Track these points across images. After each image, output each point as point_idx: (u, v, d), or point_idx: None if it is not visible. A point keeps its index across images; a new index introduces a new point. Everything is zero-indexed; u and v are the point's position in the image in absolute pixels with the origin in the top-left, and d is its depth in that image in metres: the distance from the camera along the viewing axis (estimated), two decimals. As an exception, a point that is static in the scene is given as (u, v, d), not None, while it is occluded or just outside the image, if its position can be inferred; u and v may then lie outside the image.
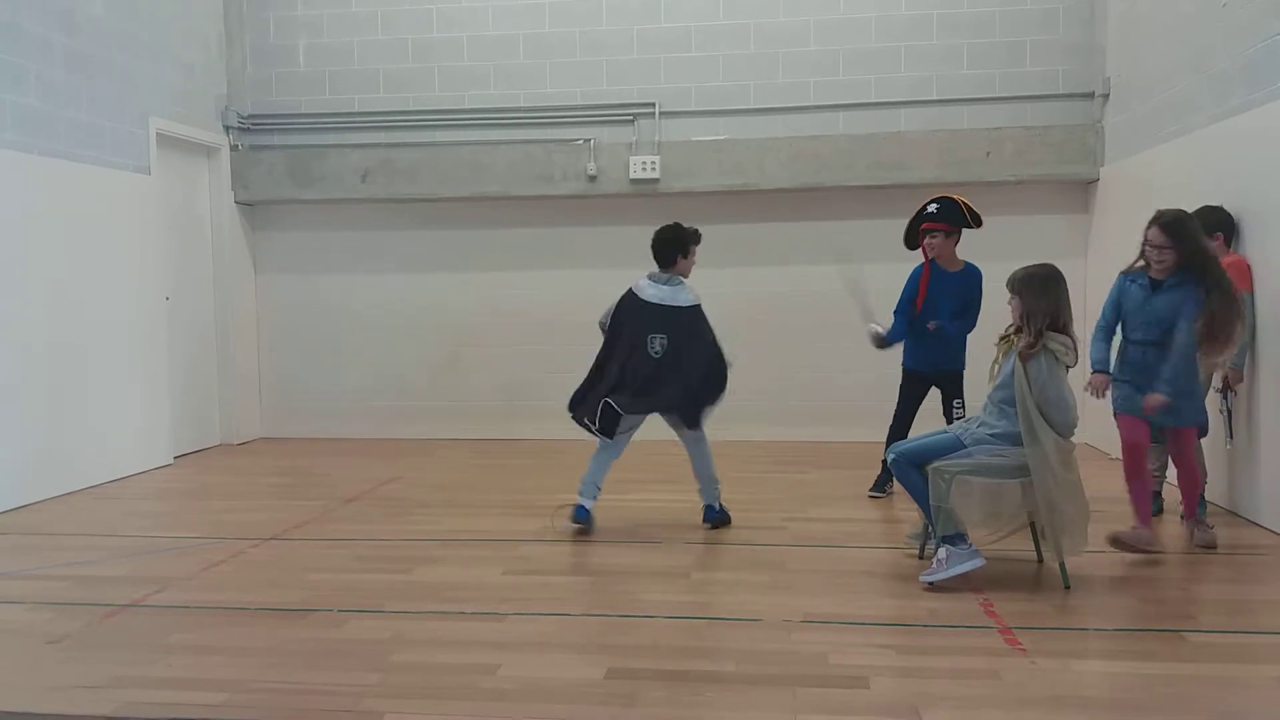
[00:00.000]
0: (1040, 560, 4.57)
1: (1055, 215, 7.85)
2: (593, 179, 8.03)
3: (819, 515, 5.58)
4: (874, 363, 7.96)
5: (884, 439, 7.77)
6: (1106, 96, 7.46)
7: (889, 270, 7.95)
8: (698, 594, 4.20)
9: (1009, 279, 4.54)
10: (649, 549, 4.96)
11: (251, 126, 8.40)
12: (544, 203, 8.24)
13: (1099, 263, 7.59)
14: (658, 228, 5.57)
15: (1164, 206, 5.00)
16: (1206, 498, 5.24)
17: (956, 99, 7.78)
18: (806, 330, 8.08)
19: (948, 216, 5.89)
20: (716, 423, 7.28)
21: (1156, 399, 4.67)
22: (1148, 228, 4.86)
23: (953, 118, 7.77)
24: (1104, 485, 6.17)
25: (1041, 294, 4.42)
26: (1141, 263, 4.93)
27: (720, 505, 5.33)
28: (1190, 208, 5.39)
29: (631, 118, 8.07)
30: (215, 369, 8.33)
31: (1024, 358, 4.34)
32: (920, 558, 4.55)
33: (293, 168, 8.32)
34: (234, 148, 8.37)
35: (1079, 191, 7.79)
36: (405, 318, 8.48)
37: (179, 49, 7.73)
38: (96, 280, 6.73)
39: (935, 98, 7.80)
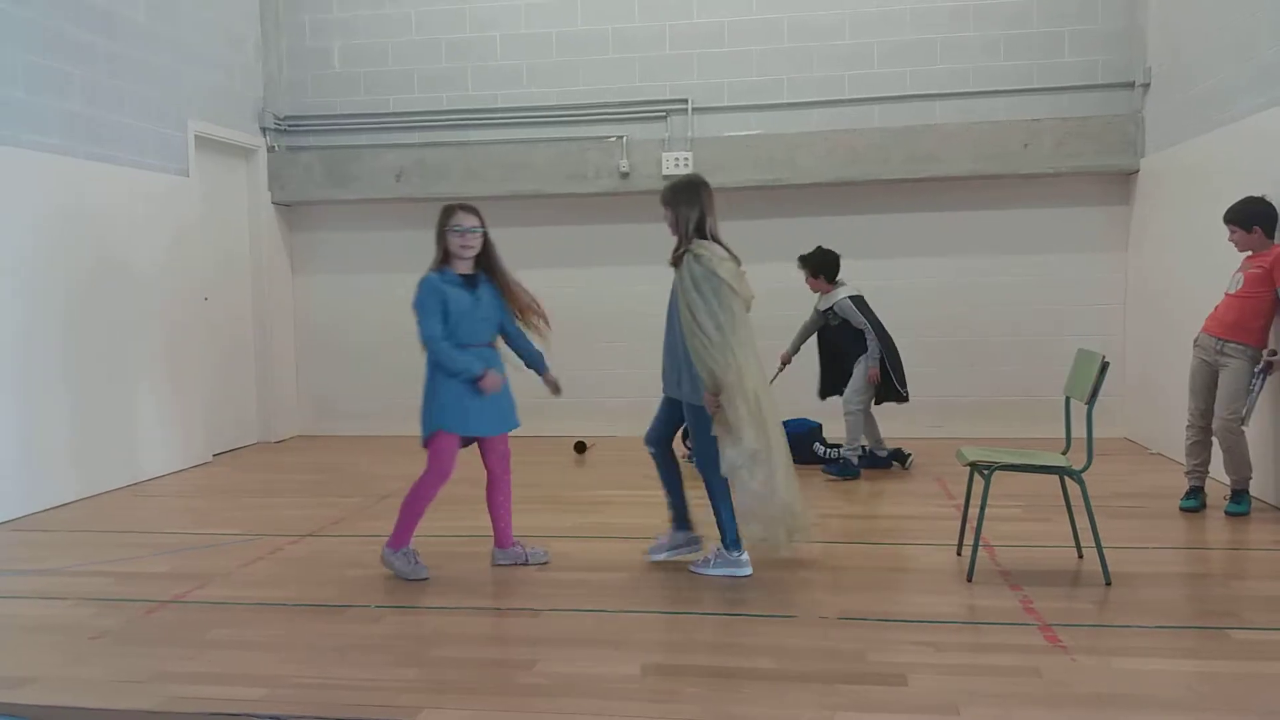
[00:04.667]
0: (1080, 555, 4.50)
1: (1094, 208, 7.74)
2: (625, 176, 8.03)
3: (856, 511, 5.54)
4: (906, 359, 7.92)
5: (918, 434, 7.77)
6: (1147, 86, 7.34)
7: (922, 264, 7.92)
8: (732, 590, 4.18)
9: (660, 195, 4.46)
10: (684, 545, 4.95)
11: (288, 128, 8.48)
12: (577, 200, 8.25)
13: (1140, 255, 7.48)
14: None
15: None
16: (1252, 493, 5.15)
17: (993, 90, 7.69)
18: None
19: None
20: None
21: None
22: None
23: (990, 110, 7.68)
24: (1144, 481, 6.09)
25: (683, 200, 4.34)
26: None
27: None
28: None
29: (664, 114, 8.05)
30: (253, 368, 8.43)
31: (674, 263, 4.32)
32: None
33: (329, 168, 8.39)
34: (271, 149, 8.45)
35: (1119, 183, 7.67)
36: (440, 316, 8.49)
37: (217, 52, 7.82)
38: (137, 281, 6.82)
39: (972, 90, 7.71)
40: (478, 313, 4.39)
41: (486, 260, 4.52)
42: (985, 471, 4.21)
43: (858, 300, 6.56)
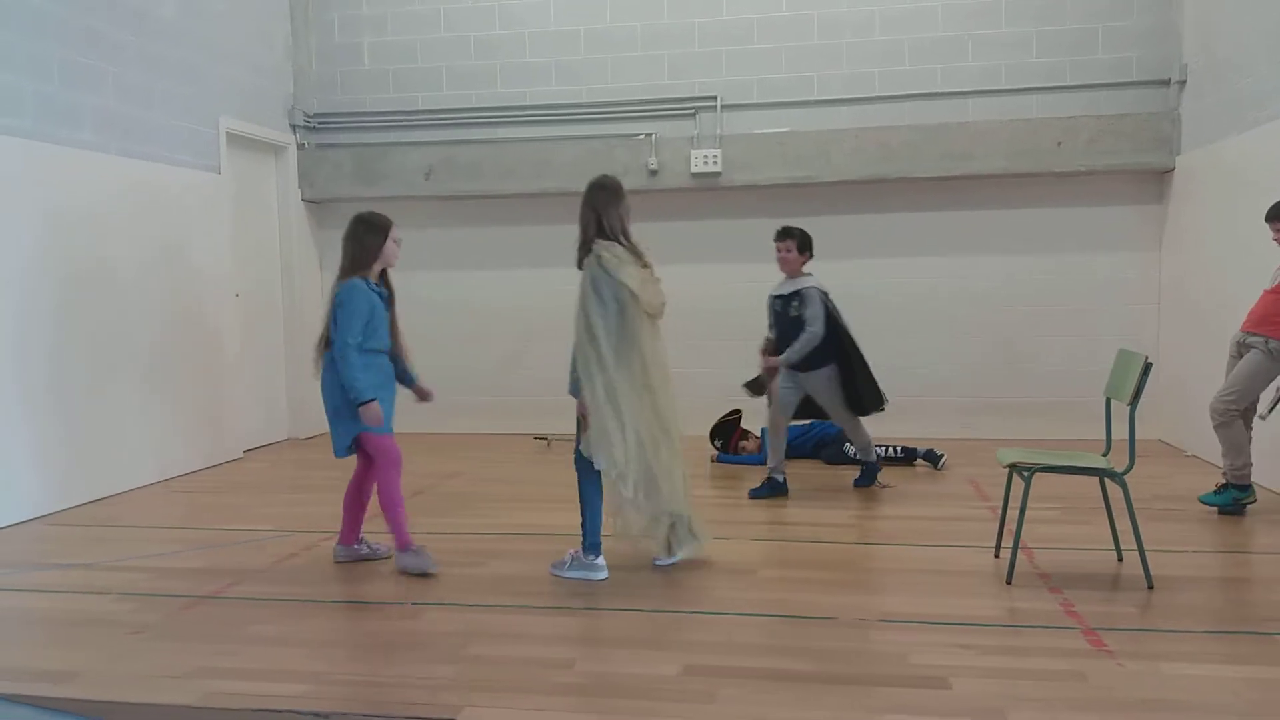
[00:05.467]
0: (1120, 558, 4.45)
1: (1128, 206, 7.66)
2: (654, 174, 8.01)
3: (889, 513, 5.51)
4: (936, 359, 7.90)
5: (949, 435, 7.71)
6: (1183, 83, 7.25)
7: (953, 263, 7.87)
8: (768, 591, 4.16)
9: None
10: (715, 545, 4.91)
11: (318, 125, 8.51)
12: (605, 198, 8.22)
13: (1174, 254, 7.40)
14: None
15: (1245, 196, 4.86)
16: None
17: (1026, 88, 7.62)
18: (873, 325, 7.94)
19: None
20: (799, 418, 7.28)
21: None
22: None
23: (1022, 107, 7.61)
24: (1181, 483, 6.02)
25: (584, 201, 4.35)
26: None
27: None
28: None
29: (693, 111, 8.03)
30: (283, 364, 8.46)
31: (579, 264, 4.31)
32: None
33: (358, 166, 8.41)
34: (300, 146, 8.48)
35: (1153, 182, 7.59)
36: (468, 313, 8.52)
37: (247, 49, 7.86)
38: (168, 277, 6.86)
39: (1004, 87, 7.64)
40: (386, 320, 4.55)
41: (384, 272, 4.64)
42: (1025, 474, 4.17)
43: (824, 294, 5.87)
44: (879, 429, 7.39)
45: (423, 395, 4.80)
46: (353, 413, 4.40)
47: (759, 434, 7.20)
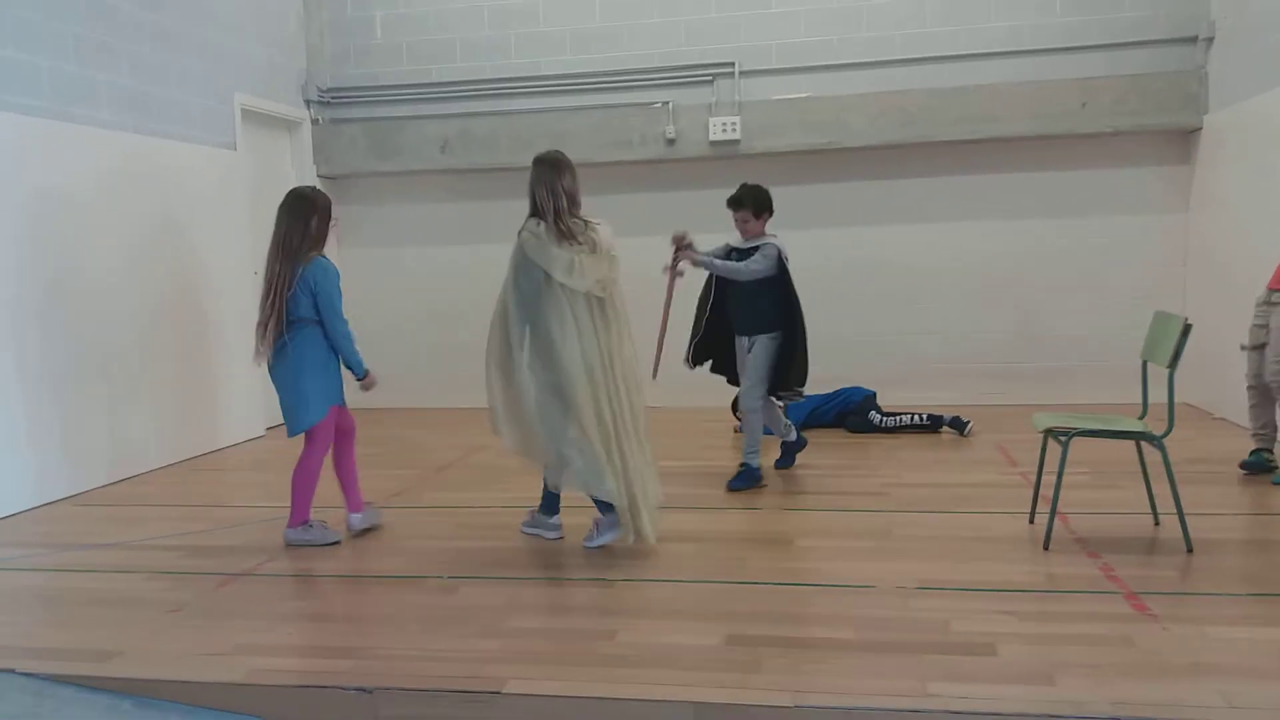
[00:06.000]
0: (1157, 522, 4.42)
1: (1153, 167, 7.55)
2: (671, 142, 7.93)
3: (919, 480, 5.47)
4: (960, 325, 7.84)
5: (972, 401, 7.65)
6: (1211, 40, 7.13)
7: (976, 228, 7.79)
8: (805, 560, 4.14)
9: None
10: (748, 515, 4.92)
11: (332, 100, 8.44)
12: (622, 168, 8.15)
13: (1202, 215, 7.31)
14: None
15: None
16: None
17: (1049, 48, 7.49)
18: (894, 292, 7.92)
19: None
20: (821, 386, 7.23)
21: None
22: None
23: (1045, 68, 7.49)
24: (1211, 446, 5.97)
25: (530, 178, 4.28)
26: None
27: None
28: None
29: (710, 78, 7.93)
30: (303, 341, 8.43)
31: None
32: None
33: (373, 140, 8.35)
34: (315, 121, 8.42)
35: (1180, 142, 7.48)
36: (487, 287, 8.41)
37: (261, 25, 7.78)
38: (187, 255, 6.84)
39: (1027, 48, 7.52)
40: None
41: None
42: (1063, 439, 4.13)
43: (783, 255, 5.35)
44: (902, 396, 7.40)
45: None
46: (324, 388, 4.54)
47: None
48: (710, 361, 5.69)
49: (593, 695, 2.92)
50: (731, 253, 5.47)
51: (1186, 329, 3.98)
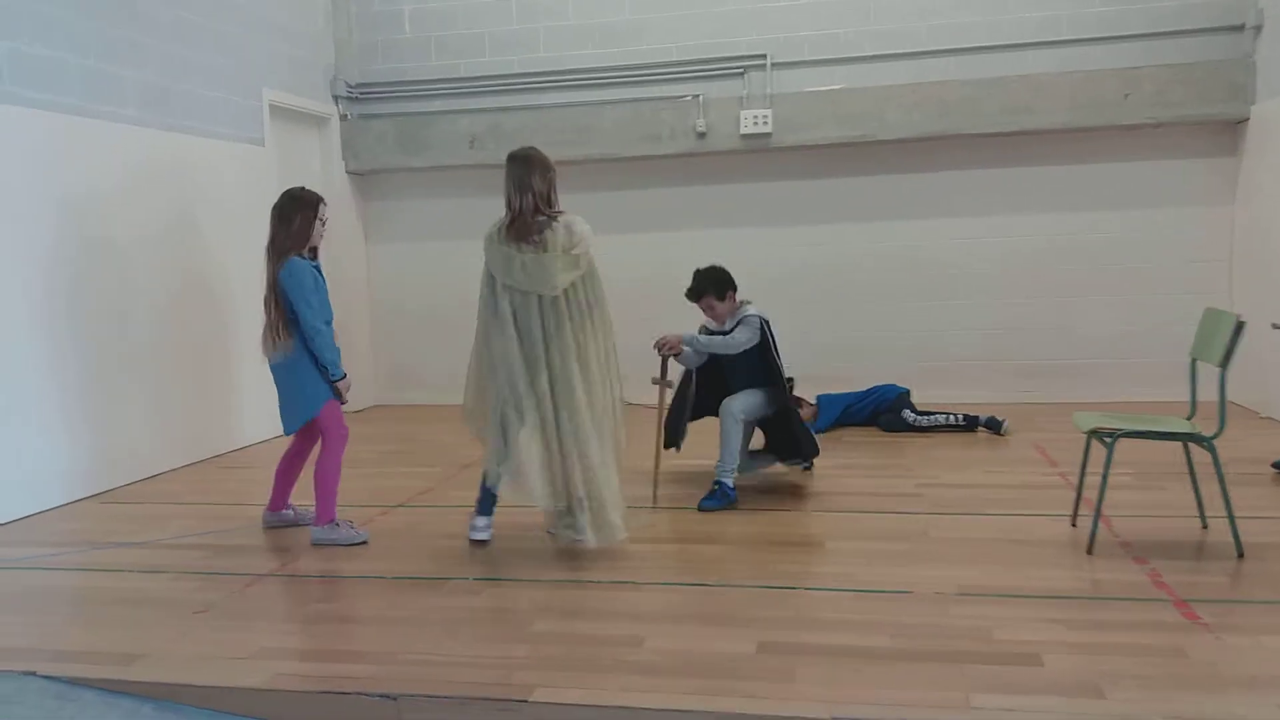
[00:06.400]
0: (1205, 526, 4.27)
1: (1198, 159, 7.35)
2: (702, 136, 7.81)
3: (955, 481, 5.34)
4: (996, 321, 7.67)
5: (1008, 399, 7.48)
6: (1259, 28, 6.92)
7: (1014, 221, 7.62)
8: (838, 564, 4.03)
9: None
10: (778, 517, 4.81)
11: (360, 95, 8.40)
12: (652, 162, 8.06)
13: (1250, 207, 7.10)
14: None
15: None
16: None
17: (1089, 38, 7.31)
18: (928, 287, 7.77)
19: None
20: (835, 384, 7.09)
21: None
22: None
23: (1085, 58, 7.30)
24: (1258, 447, 5.79)
25: (506, 173, 4.27)
26: None
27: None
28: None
29: (741, 70, 7.81)
30: (331, 338, 8.41)
31: None
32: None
33: (402, 136, 8.31)
34: (343, 117, 8.39)
35: (1226, 133, 7.27)
36: (515, 283, 8.40)
37: (288, 20, 7.75)
38: (214, 252, 6.82)
39: (1066, 37, 7.34)
40: (324, 294, 4.63)
41: (314, 249, 4.70)
42: (1108, 440, 3.99)
43: (765, 321, 5.10)
44: (937, 394, 7.26)
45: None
46: (317, 385, 4.54)
47: (814, 401, 7.05)
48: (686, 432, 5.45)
49: (621, 705, 2.83)
50: (713, 335, 5.24)
51: (1239, 327, 3.82)
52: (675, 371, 5.32)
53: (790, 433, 5.10)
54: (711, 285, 5.14)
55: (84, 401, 5.65)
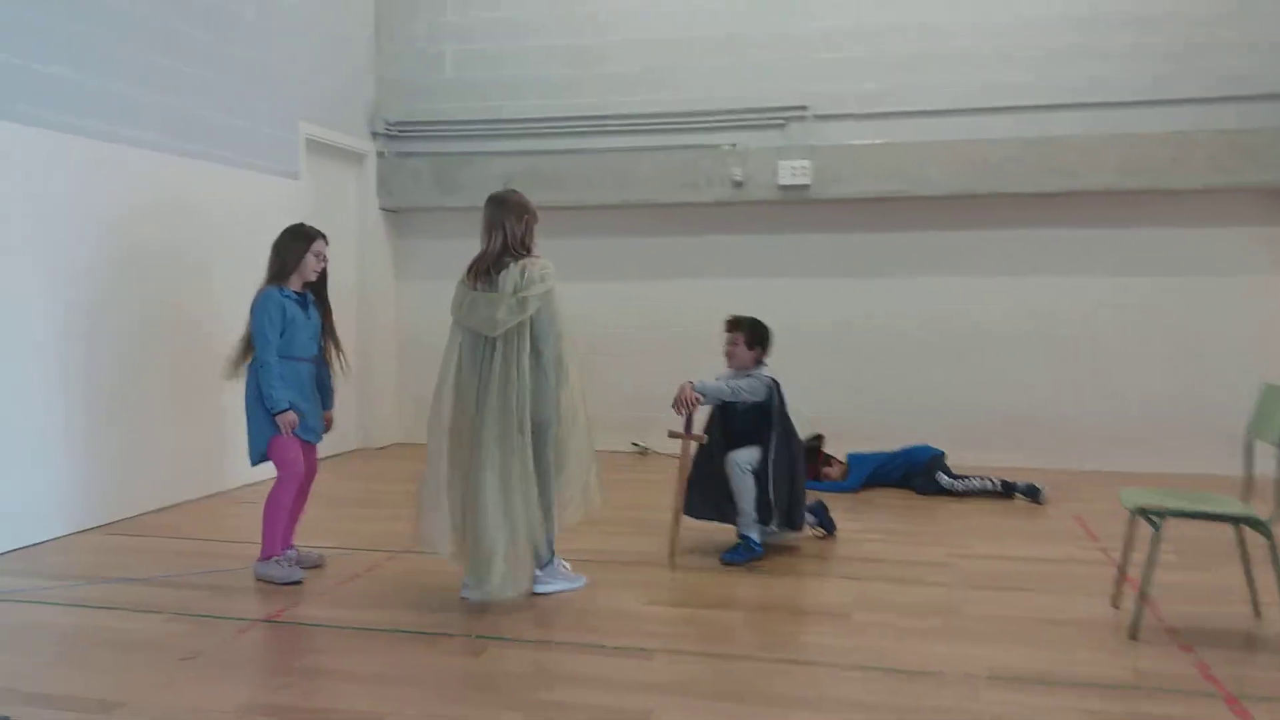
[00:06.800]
0: (1258, 614, 4.00)
1: (1250, 227, 7.11)
2: (739, 185, 7.69)
3: (990, 552, 5.07)
4: (1036, 384, 7.42)
5: (1048, 465, 7.17)
6: (1318, 95, 6.72)
7: (1055, 284, 7.39)
8: (863, 637, 3.79)
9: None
10: (801, 583, 4.58)
11: (398, 134, 8.38)
12: (688, 210, 7.94)
13: (1307, 279, 6.83)
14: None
15: None
16: None
17: (1138, 101, 7.13)
18: (966, 347, 7.55)
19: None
20: (867, 443, 6.86)
21: None
22: None
23: (1134, 120, 7.12)
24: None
25: (484, 213, 4.27)
26: None
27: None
28: None
29: (782, 121, 7.70)
30: (355, 375, 8.28)
31: None
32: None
33: (437, 175, 8.26)
34: (380, 154, 8.36)
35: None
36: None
37: (330, 54, 7.77)
38: (242, 283, 6.72)
39: (1114, 99, 7.16)
40: (308, 328, 4.64)
41: (319, 285, 4.77)
42: (1155, 519, 3.75)
43: (775, 384, 4.97)
44: (972, 456, 7.01)
45: (327, 423, 4.88)
46: (268, 418, 4.50)
47: (844, 460, 6.82)
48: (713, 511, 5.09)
49: (621, 787, 2.62)
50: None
51: (1301, 404, 3.59)
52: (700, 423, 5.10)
53: (763, 489, 4.83)
54: (749, 330, 5.03)
55: (90, 429, 5.54)
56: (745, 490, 4.81)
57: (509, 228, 4.17)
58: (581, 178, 7.96)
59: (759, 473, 4.83)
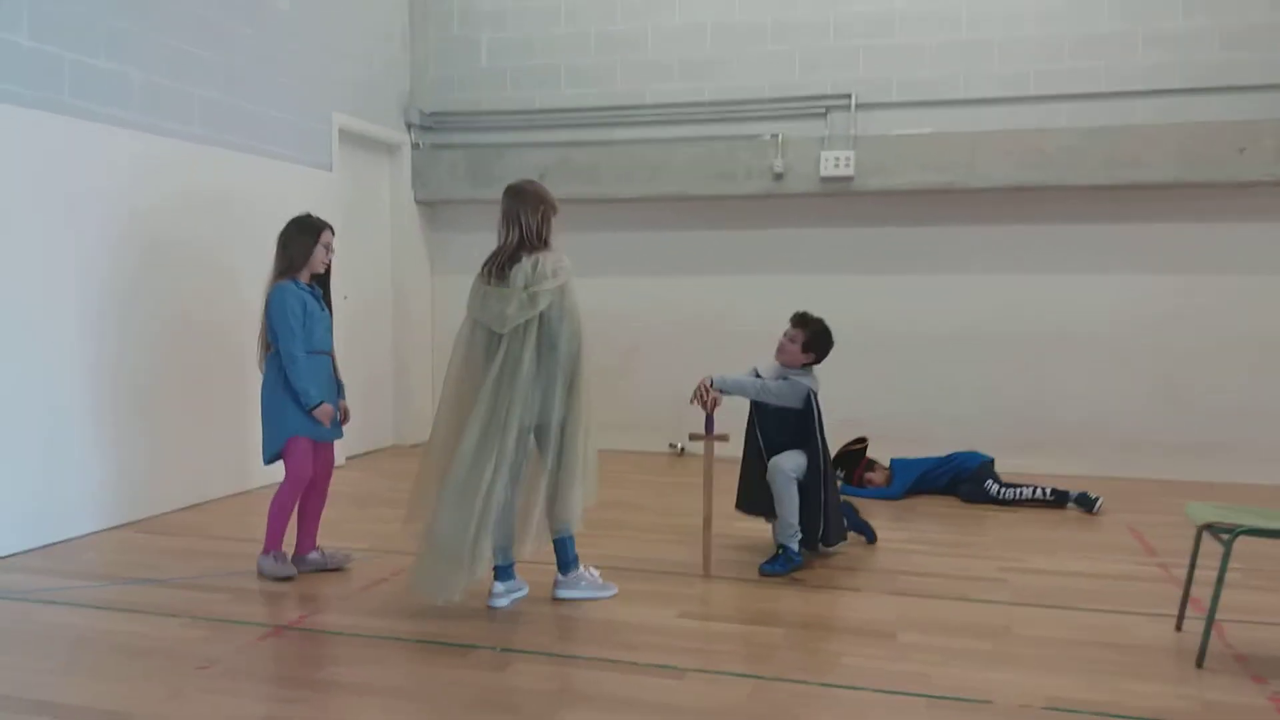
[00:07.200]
0: (1335, 642, 3.72)
1: (1324, 221, 6.76)
2: (779, 177, 7.45)
3: (1042, 566, 4.82)
4: (1092, 388, 7.12)
5: (1101, 473, 6.87)
6: (1395, 82, 6.35)
7: (1115, 281, 7.08)
8: (910, 662, 3.57)
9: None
10: (842, 597, 4.36)
11: (433, 125, 8.24)
12: (725, 202, 7.72)
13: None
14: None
15: None
16: None
17: (1203, 87, 6.80)
18: (1018, 348, 7.25)
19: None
20: (912, 447, 6.61)
21: None
22: None
23: (1199, 108, 6.79)
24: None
25: (502, 205, 4.13)
26: None
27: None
28: None
29: (824, 110, 7.45)
30: (390, 369, 8.21)
31: None
32: None
33: (472, 167, 8.11)
34: (415, 146, 8.23)
35: (1353, 193, 6.68)
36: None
37: (363, 44, 7.63)
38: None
39: (1178, 86, 6.84)
40: (324, 321, 4.57)
41: (325, 278, 4.67)
42: (1225, 536, 3.49)
43: (814, 394, 4.73)
44: (1022, 464, 6.74)
45: (343, 414, 4.76)
46: (283, 417, 4.42)
47: (888, 465, 6.58)
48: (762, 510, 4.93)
49: (646, 827, 2.44)
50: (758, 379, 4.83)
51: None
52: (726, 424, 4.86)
53: (807, 510, 4.63)
54: (813, 333, 4.75)
55: (119, 424, 5.46)
56: (789, 499, 4.60)
57: (524, 220, 4.03)
58: (615, 169, 7.76)
59: (806, 484, 4.62)
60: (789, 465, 4.64)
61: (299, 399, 4.41)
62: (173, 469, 5.81)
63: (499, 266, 4.04)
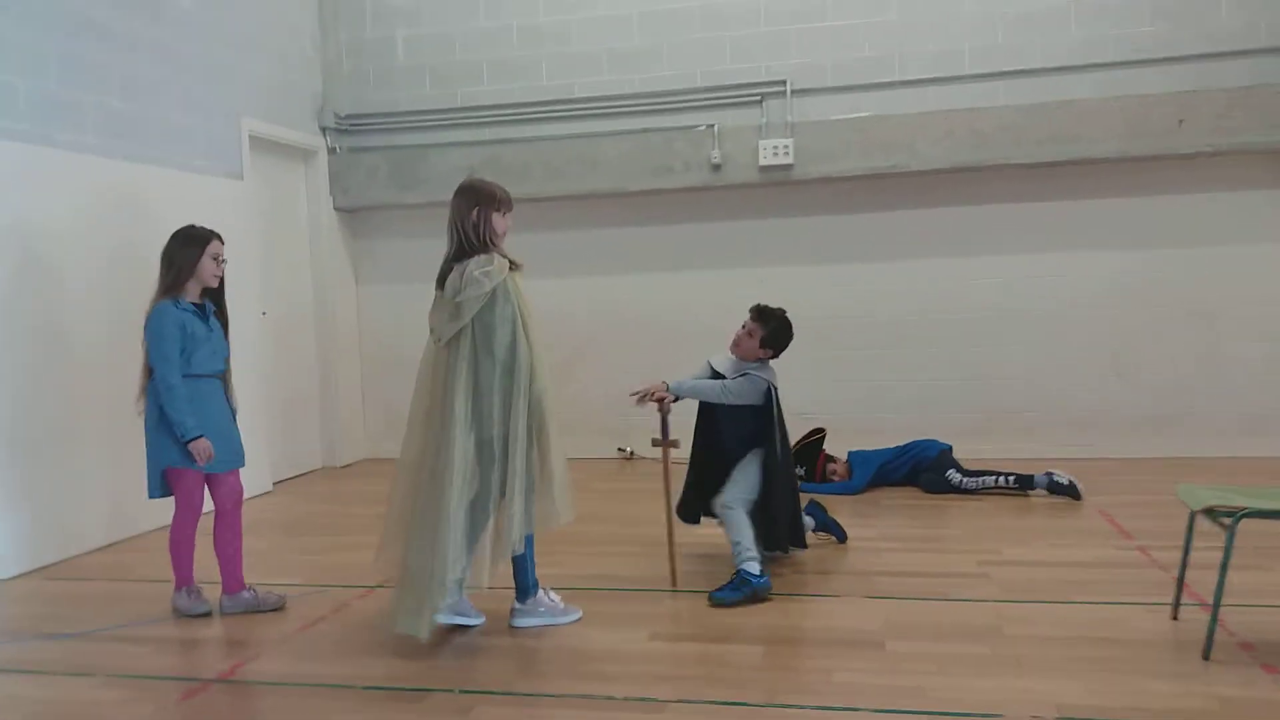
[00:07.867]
0: (1335, 622, 3.58)
1: (1262, 191, 6.72)
2: (717, 168, 7.20)
3: (1021, 557, 4.63)
4: (1043, 368, 7.02)
5: (1061, 455, 6.73)
6: (1330, 47, 6.34)
7: (1059, 259, 6.98)
8: (903, 674, 3.31)
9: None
10: (820, 605, 4.12)
11: (350, 127, 7.81)
12: (663, 197, 7.44)
13: (1325, 244, 6.46)
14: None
15: None
16: None
17: (1140, 60, 6.72)
18: (967, 332, 7.12)
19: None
20: (868, 439, 6.41)
21: None
22: None
23: (1136, 81, 6.70)
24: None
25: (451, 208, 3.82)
26: None
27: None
28: None
29: (759, 98, 7.22)
30: (316, 387, 7.76)
31: None
32: None
33: (394, 170, 7.70)
34: (332, 150, 7.79)
35: (1292, 162, 6.66)
36: (515, 327, 7.76)
37: (272, 43, 7.18)
38: (187, 295, 6.16)
39: (1114, 59, 6.75)
40: (211, 342, 4.23)
41: (218, 292, 4.35)
42: (1226, 520, 3.31)
43: (773, 387, 4.46)
44: (979, 448, 6.58)
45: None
46: (159, 448, 4.11)
47: (845, 458, 6.37)
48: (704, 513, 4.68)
49: None
50: (714, 373, 4.59)
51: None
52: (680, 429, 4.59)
53: (768, 515, 4.37)
54: (773, 329, 4.47)
55: (30, 460, 4.98)
56: (739, 525, 4.27)
57: (460, 221, 3.76)
58: (547, 166, 7.44)
59: (766, 484, 4.36)
60: (731, 498, 4.35)
61: (175, 429, 4.04)
62: (85, 505, 5.33)
63: (440, 274, 3.83)
